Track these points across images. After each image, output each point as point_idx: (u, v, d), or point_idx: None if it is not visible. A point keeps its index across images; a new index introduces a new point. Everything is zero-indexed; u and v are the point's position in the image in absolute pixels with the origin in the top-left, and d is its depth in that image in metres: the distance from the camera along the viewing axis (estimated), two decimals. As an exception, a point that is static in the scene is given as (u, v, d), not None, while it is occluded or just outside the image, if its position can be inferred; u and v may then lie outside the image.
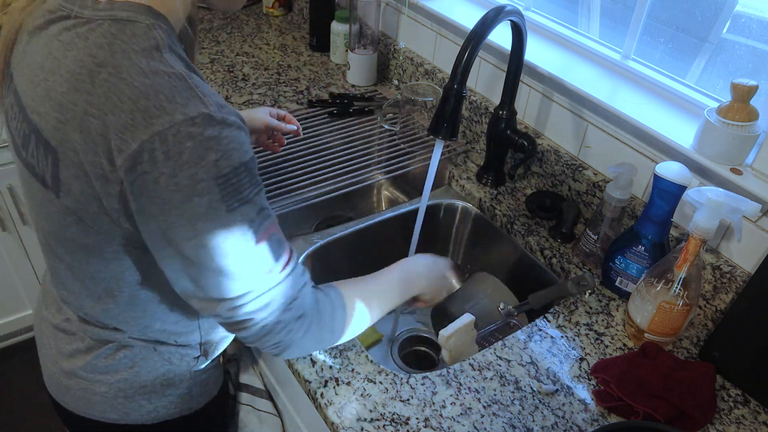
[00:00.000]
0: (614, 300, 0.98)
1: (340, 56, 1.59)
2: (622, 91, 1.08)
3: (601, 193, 1.08)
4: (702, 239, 0.79)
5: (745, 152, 0.89)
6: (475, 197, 1.20)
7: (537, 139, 1.18)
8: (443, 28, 1.36)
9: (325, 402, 0.79)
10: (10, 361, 1.89)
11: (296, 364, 0.84)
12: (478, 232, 1.22)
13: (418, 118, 1.38)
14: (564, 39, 1.22)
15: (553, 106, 1.15)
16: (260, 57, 1.61)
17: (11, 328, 1.85)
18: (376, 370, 0.84)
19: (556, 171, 1.15)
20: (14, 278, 1.75)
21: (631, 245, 0.93)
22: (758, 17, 0.95)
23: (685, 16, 1.05)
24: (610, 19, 1.18)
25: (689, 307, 0.84)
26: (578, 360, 0.87)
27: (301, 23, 1.83)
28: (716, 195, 0.78)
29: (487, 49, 1.25)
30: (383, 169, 1.24)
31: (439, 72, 1.40)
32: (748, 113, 0.87)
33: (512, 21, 0.97)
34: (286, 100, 1.42)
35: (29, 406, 1.80)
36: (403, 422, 0.77)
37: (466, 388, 0.82)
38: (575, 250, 1.06)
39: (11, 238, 1.67)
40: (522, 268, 1.13)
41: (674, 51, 1.08)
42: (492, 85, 1.28)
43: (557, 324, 0.93)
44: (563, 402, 0.81)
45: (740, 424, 0.81)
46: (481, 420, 0.78)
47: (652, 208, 0.89)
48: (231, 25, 1.78)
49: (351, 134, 1.32)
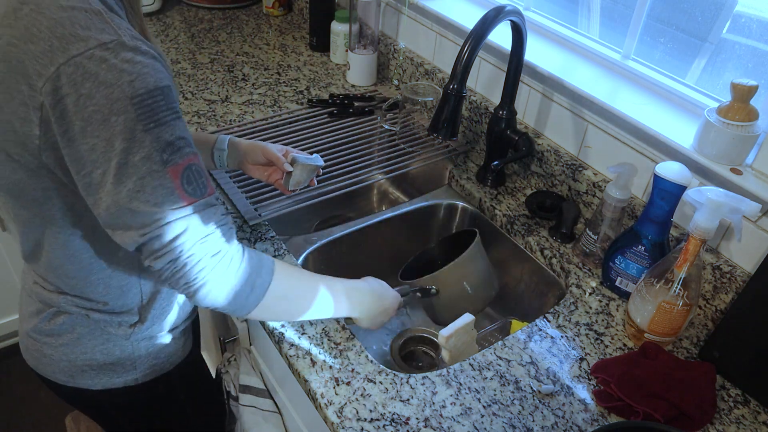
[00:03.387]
0: (614, 300, 0.98)
1: (340, 56, 1.59)
2: (622, 91, 1.08)
3: (601, 193, 1.08)
4: (702, 239, 0.79)
5: (745, 152, 0.89)
6: (475, 197, 1.20)
7: (537, 139, 1.18)
8: (443, 28, 1.36)
9: (325, 402, 0.79)
10: (10, 361, 1.89)
11: (296, 364, 0.84)
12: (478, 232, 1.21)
13: (418, 118, 1.38)
14: (564, 39, 1.22)
15: (553, 106, 1.15)
16: (260, 57, 1.61)
17: (11, 328, 1.85)
18: (376, 370, 0.84)
19: (556, 171, 1.15)
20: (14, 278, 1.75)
21: (631, 245, 0.93)
22: (758, 17, 0.95)
23: (685, 16, 1.05)
24: (610, 19, 1.18)
25: (689, 307, 0.84)
26: (578, 360, 0.87)
27: (301, 23, 1.83)
28: (716, 195, 0.78)
29: (487, 49, 1.25)
30: (383, 169, 1.24)
31: (439, 72, 1.40)
32: (748, 113, 0.87)
33: (512, 21, 0.97)
34: (286, 100, 1.42)
35: (29, 405, 1.80)
36: (403, 422, 0.77)
37: (466, 388, 0.82)
38: (575, 250, 1.06)
39: (11, 238, 1.67)
40: (522, 267, 1.13)
41: (674, 51, 1.08)
42: (492, 85, 1.28)
43: (557, 324, 0.93)
44: (563, 402, 0.81)
45: (740, 424, 0.81)
46: (481, 420, 0.78)
47: (652, 208, 0.89)
48: (231, 25, 1.78)
49: (351, 134, 1.32)
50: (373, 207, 1.40)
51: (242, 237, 1.04)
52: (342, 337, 0.88)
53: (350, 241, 1.12)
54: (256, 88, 1.46)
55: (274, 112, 1.38)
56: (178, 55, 1.59)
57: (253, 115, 1.35)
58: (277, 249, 1.02)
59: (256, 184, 1.14)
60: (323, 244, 1.08)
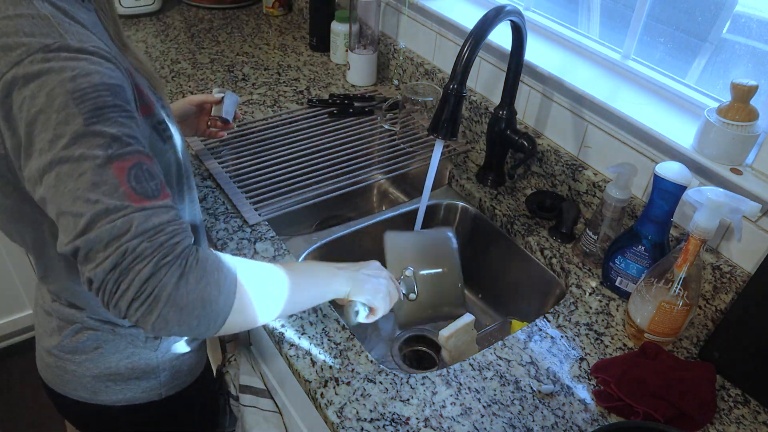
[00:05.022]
0: (614, 300, 0.98)
1: (340, 56, 1.59)
2: (622, 91, 1.08)
3: (601, 193, 1.08)
4: (702, 239, 0.79)
5: (745, 152, 0.89)
6: (475, 197, 1.20)
7: (537, 139, 1.18)
8: (443, 28, 1.36)
9: (325, 402, 0.79)
10: (10, 361, 1.89)
11: (296, 364, 0.84)
12: (478, 232, 1.22)
13: (418, 118, 1.38)
14: (564, 39, 1.22)
15: (553, 106, 1.15)
16: (260, 57, 1.61)
17: (11, 328, 1.85)
18: (376, 370, 0.84)
19: (556, 171, 1.15)
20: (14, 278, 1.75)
21: (631, 245, 0.93)
22: (758, 17, 0.95)
23: (685, 16, 1.05)
24: (610, 19, 1.18)
25: (689, 307, 0.84)
26: (578, 360, 0.87)
27: (301, 23, 1.83)
28: (716, 195, 0.78)
29: (487, 49, 1.25)
30: (383, 169, 1.24)
31: (439, 72, 1.40)
32: (748, 113, 0.87)
33: (512, 21, 0.97)
34: (286, 100, 1.42)
35: (29, 405, 1.80)
36: (403, 422, 0.77)
37: (466, 388, 0.82)
38: (575, 250, 1.06)
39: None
40: (522, 267, 1.13)
41: (674, 51, 1.08)
42: (492, 85, 1.28)
43: (557, 324, 0.93)
44: (563, 402, 0.81)
45: (740, 424, 0.81)
46: (481, 420, 0.78)
47: (652, 208, 0.89)
48: (231, 25, 1.78)
49: (351, 134, 1.32)
50: (373, 207, 1.40)
51: (242, 237, 1.04)
52: (342, 337, 0.88)
53: (350, 241, 1.12)
54: (256, 88, 1.46)
55: (274, 112, 1.38)
56: (178, 55, 1.59)
57: (253, 115, 1.35)
58: (277, 249, 1.02)
59: (256, 184, 1.14)
60: (323, 244, 1.08)
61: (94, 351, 0.81)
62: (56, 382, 0.86)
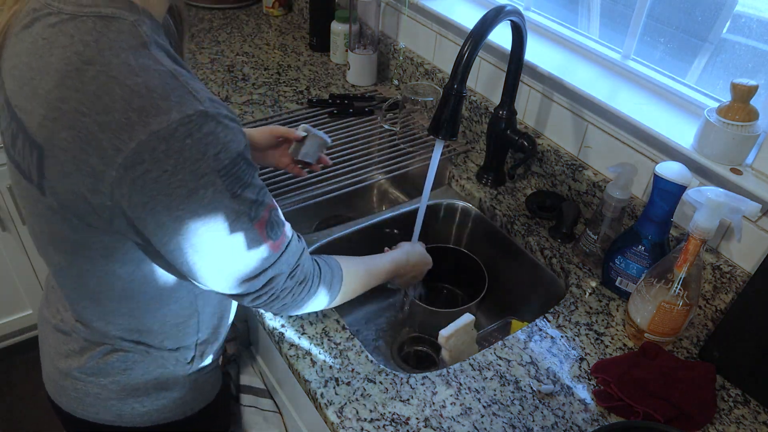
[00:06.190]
0: (614, 300, 0.98)
1: (340, 56, 1.59)
2: (622, 91, 1.08)
3: (601, 193, 1.08)
4: (702, 239, 0.79)
5: (745, 152, 0.89)
6: (475, 197, 1.20)
7: (537, 139, 1.18)
8: (443, 28, 1.36)
9: (325, 402, 0.79)
10: (10, 361, 1.89)
11: (296, 364, 0.84)
12: (478, 232, 1.22)
13: (418, 118, 1.38)
14: (564, 39, 1.22)
15: (553, 106, 1.15)
16: (260, 57, 1.61)
17: (11, 328, 1.84)
18: (376, 370, 0.84)
19: (556, 171, 1.15)
20: (14, 278, 1.75)
21: (631, 245, 0.93)
22: (758, 17, 0.95)
23: (685, 16, 1.05)
24: (610, 19, 1.18)
25: (689, 307, 0.84)
26: (578, 360, 0.87)
27: (301, 23, 1.83)
28: (716, 195, 0.78)
29: (487, 49, 1.25)
30: (383, 169, 1.24)
31: (439, 72, 1.40)
32: (748, 113, 0.87)
33: (512, 21, 0.97)
34: (286, 100, 1.42)
35: (29, 406, 1.80)
36: (403, 422, 0.77)
37: (466, 388, 0.82)
38: (575, 250, 1.06)
39: (11, 238, 1.67)
40: (522, 267, 1.13)
41: (674, 51, 1.08)
42: (492, 85, 1.28)
43: (557, 324, 0.93)
44: (563, 402, 0.81)
45: (740, 424, 0.81)
46: (481, 420, 0.78)
47: (652, 208, 0.89)
48: (231, 25, 1.78)
49: (351, 134, 1.32)
50: (373, 207, 1.40)
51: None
52: (342, 337, 0.88)
53: (350, 241, 1.12)
54: (256, 88, 1.46)
55: (274, 112, 1.38)
56: (178, 55, 1.58)
57: (253, 115, 1.35)
58: (277, 249, 1.02)
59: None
60: (323, 244, 1.08)
61: (122, 373, 0.79)
62: (75, 406, 0.82)
